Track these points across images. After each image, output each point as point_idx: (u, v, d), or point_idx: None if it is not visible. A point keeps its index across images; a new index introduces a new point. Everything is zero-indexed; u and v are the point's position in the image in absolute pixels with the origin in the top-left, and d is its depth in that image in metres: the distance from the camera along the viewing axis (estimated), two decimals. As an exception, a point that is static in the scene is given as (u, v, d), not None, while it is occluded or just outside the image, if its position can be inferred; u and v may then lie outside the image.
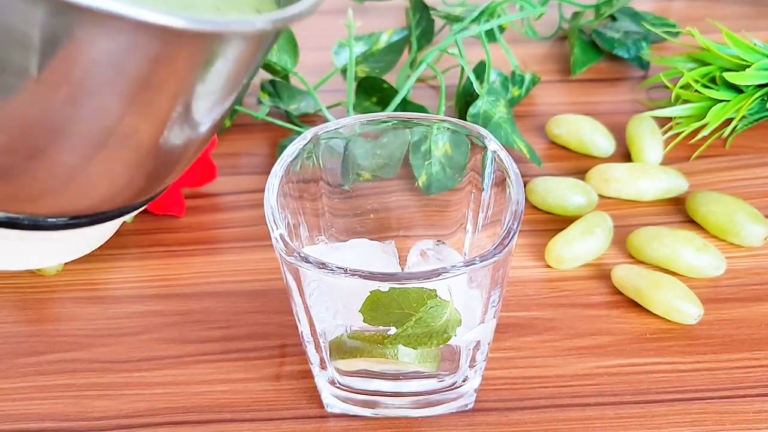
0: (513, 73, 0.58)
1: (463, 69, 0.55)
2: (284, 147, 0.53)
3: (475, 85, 0.52)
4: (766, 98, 0.54)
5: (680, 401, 0.40)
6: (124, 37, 0.21)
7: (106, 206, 0.28)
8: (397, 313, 0.33)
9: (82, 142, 0.24)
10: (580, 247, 0.46)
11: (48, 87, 0.22)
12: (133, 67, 0.22)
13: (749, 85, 0.53)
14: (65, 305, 0.46)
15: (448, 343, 0.34)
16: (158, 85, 0.23)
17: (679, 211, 0.50)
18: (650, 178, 0.50)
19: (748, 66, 0.53)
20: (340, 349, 0.35)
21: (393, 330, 0.33)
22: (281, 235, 0.33)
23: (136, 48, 0.22)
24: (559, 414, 0.39)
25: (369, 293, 0.32)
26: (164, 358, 0.43)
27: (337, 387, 0.38)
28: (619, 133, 0.55)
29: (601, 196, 0.51)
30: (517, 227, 0.32)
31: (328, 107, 0.54)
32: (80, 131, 0.23)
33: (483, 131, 0.37)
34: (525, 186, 0.50)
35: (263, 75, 0.57)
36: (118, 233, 0.50)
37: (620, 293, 0.45)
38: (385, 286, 0.32)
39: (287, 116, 0.57)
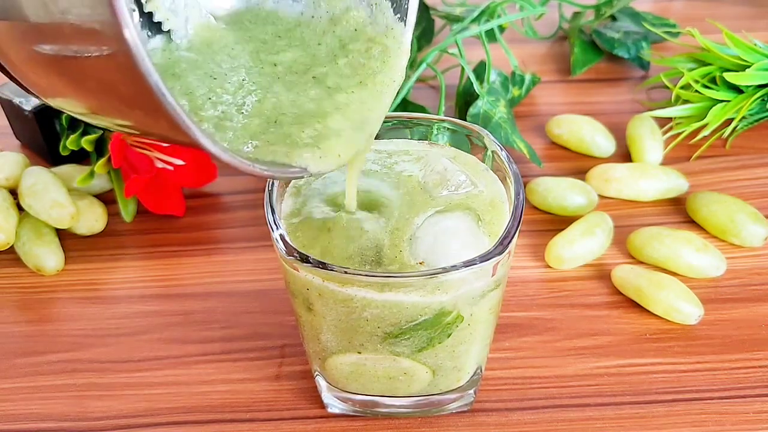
0: (513, 73, 0.58)
1: (463, 69, 0.55)
2: (284, 147, 0.53)
3: (475, 85, 0.52)
4: (766, 98, 0.54)
5: (680, 401, 0.40)
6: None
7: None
8: (398, 311, 0.33)
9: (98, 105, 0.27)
10: (580, 247, 0.46)
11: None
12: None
13: (749, 86, 0.53)
14: (65, 305, 0.46)
15: (447, 343, 0.34)
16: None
17: (679, 211, 0.50)
18: (650, 178, 0.50)
19: (748, 66, 0.53)
20: (340, 348, 0.35)
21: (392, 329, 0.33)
22: (281, 235, 0.33)
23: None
24: (559, 414, 0.39)
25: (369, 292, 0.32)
26: (164, 359, 0.43)
27: (337, 387, 0.38)
28: (619, 133, 0.55)
29: (601, 196, 0.51)
30: (517, 227, 0.32)
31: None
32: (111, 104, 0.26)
33: (483, 131, 0.37)
34: (525, 186, 0.50)
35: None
36: (117, 233, 0.50)
37: (620, 293, 0.45)
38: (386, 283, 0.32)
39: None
